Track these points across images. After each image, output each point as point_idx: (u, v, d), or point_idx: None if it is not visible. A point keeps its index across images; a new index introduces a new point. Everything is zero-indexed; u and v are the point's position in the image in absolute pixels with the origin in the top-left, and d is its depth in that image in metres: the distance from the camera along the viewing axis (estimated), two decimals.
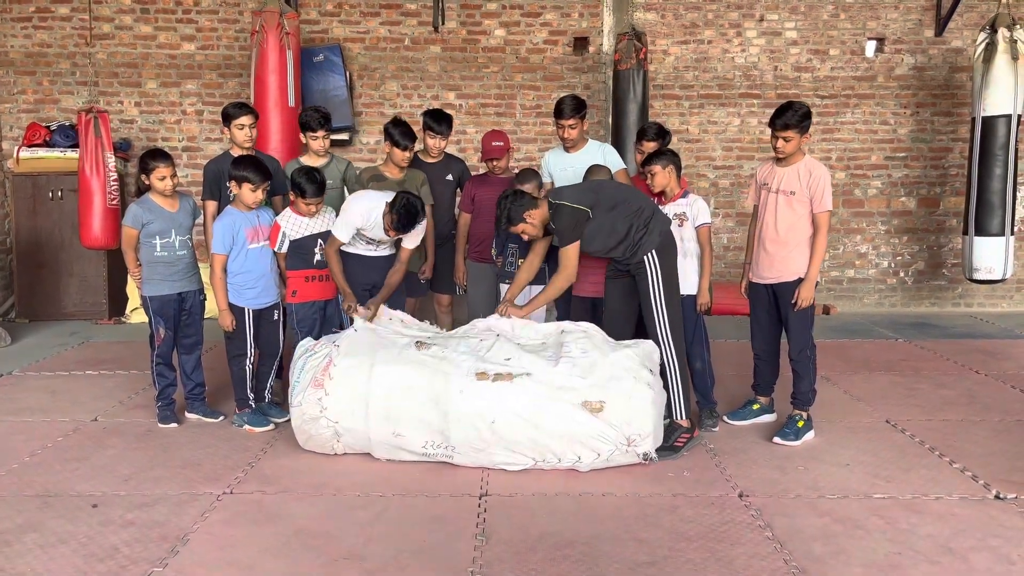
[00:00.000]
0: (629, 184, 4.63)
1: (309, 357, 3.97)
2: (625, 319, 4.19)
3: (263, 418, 4.39)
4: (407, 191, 4.31)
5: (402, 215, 4.17)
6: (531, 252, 4.26)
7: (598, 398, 3.66)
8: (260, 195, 4.27)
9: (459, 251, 5.11)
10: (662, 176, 4.31)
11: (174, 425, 4.38)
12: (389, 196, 4.27)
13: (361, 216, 4.29)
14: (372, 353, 3.91)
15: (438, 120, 5.02)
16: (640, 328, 4.19)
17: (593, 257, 4.27)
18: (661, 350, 4.00)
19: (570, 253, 3.99)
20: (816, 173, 4.08)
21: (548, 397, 3.67)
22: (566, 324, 4.12)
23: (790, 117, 4.05)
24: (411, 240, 4.44)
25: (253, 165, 4.25)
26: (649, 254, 3.97)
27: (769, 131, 4.19)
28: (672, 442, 3.94)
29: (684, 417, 4.03)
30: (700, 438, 4.11)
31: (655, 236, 3.97)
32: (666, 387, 3.99)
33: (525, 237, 4.12)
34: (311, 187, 4.27)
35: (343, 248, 4.41)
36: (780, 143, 4.10)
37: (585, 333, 3.98)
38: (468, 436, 3.69)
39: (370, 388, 3.78)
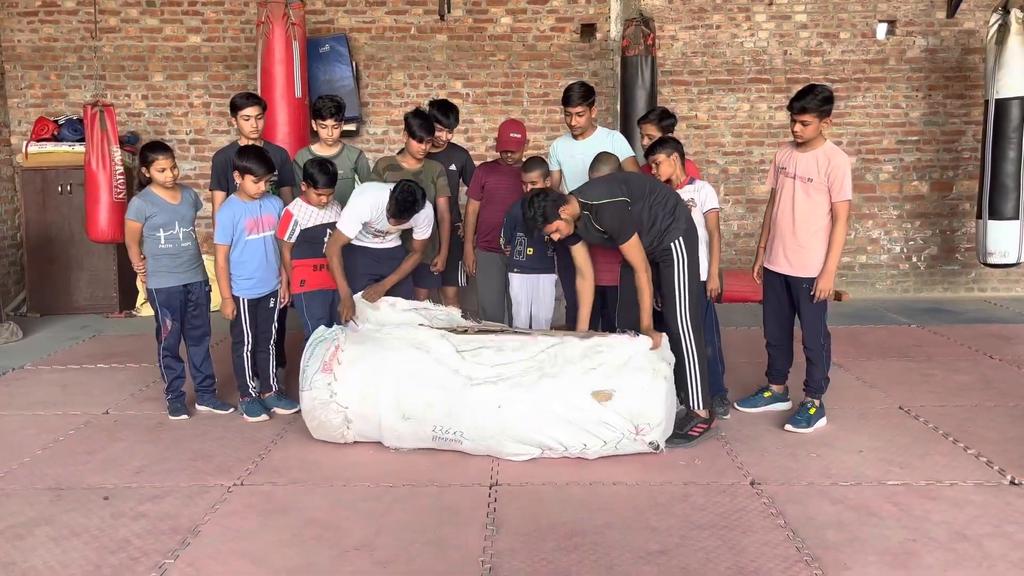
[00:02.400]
0: (640, 171, 4.61)
1: (320, 343, 3.98)
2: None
3: (260, 408, 4.40)
4: (408, 179, 4.29)
5: (398, 201, 4.15)
6: (580, 263, 4.08)
7: (610, 387, 3.63)
8: (263, 186, 4.26)
9: (468, 239, 5.07)
10: (667, 164, 4.27)
11: (185, 417, 4.40)
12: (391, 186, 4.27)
13: (369, 209, 4.28)
14: (381, 340, 3.92)
15: (445, 112, 5.00)
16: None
17: (600, 246, 4.23)
18: (681, 338, 3.94)
19: (634, 246, 3.84)
20: (835, 161, 3.97)
21: (555, 386, 3.66)
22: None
23: (809, 101, 3.93)
24: (422, 230, 4.44)
25: (256, 156, 4.24)
26: (677, 241, 3.90)
27: (780, 116, 4.13)
28: (687, 431, 3.91)
29: (701, 407, 3.98)
30: (717, 429, 4.03)
31: (682, 223, 3.91)
32: (684, 376, 3.95)
33: (556, 236, 3.92)
34: (323, 178, 4.26)
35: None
36: (798, 127, 4.00)
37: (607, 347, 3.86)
38: (476, 420, 3.68)
39: (380, 373, 3.78)
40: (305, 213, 4.37)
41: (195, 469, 3.72)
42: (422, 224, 4.44)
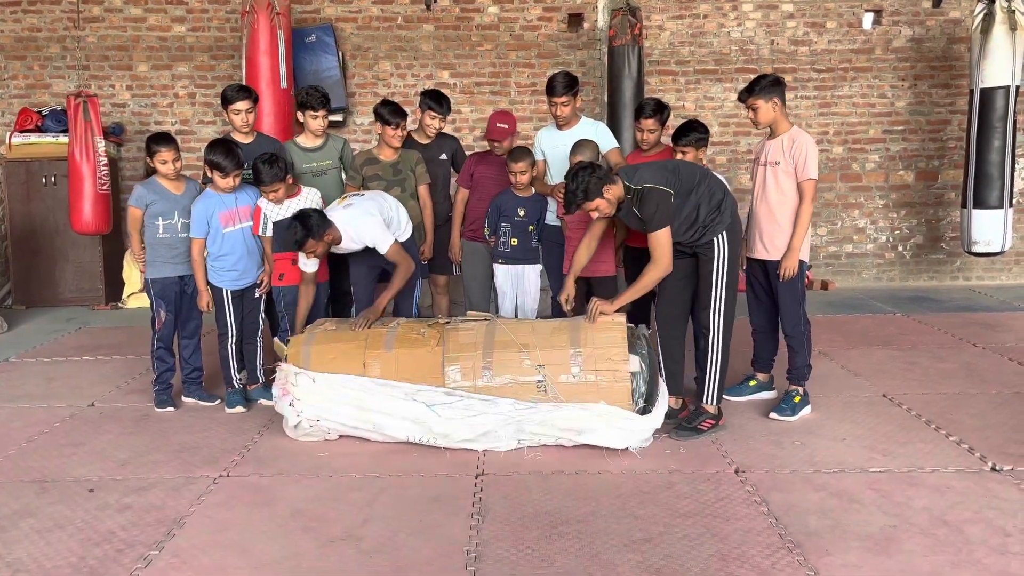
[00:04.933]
0: (624, 162, 4.61)
1: (280, 372, 3.96)
2: (682, 305, 4.02)
3: (238, 399, 4.40)
4: (300, 211, 4.10)
5: (294, 232, 3.97)
6: (589, 234, 4.04)
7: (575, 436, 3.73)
8: (231, 181, 4.23)
9: (455, 227, 5.07)
10: (693, 156, 4.26)
11: (171, 409, 4.38)
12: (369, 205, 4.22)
13: (382, 222, 4.21)
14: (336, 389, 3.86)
15: (439, 100, 4.98)
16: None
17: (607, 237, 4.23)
18: (710, 334, 3.89)
19: (663, 239, 3.71)
20: (799, 141, 4.06)
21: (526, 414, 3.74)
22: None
23: (751, 86, 4.09)
24: (380, 245, 4.18)
25: (224, 151, 4.21)
26: (720, 236, 3.82)
27: None
28: (696, 424, 3.88)
29: (714, 404, 3.93)
30: (724, 427, 3.97)
31: (726, 218, 3.83)
32: (704, 369, 3.93)
33: (594, 215, 3.83)
34: (263, 172, 4.20)
35: None
36: (751, 114, 4.16)
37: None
38: (450, 427, 3.72)
39: (338, 399, 3.79)
40: (274, 206, 4.34)
41: (181, 460, 3.71)
42: (368, 238, 4.19)
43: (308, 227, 3.97)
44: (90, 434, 4.07)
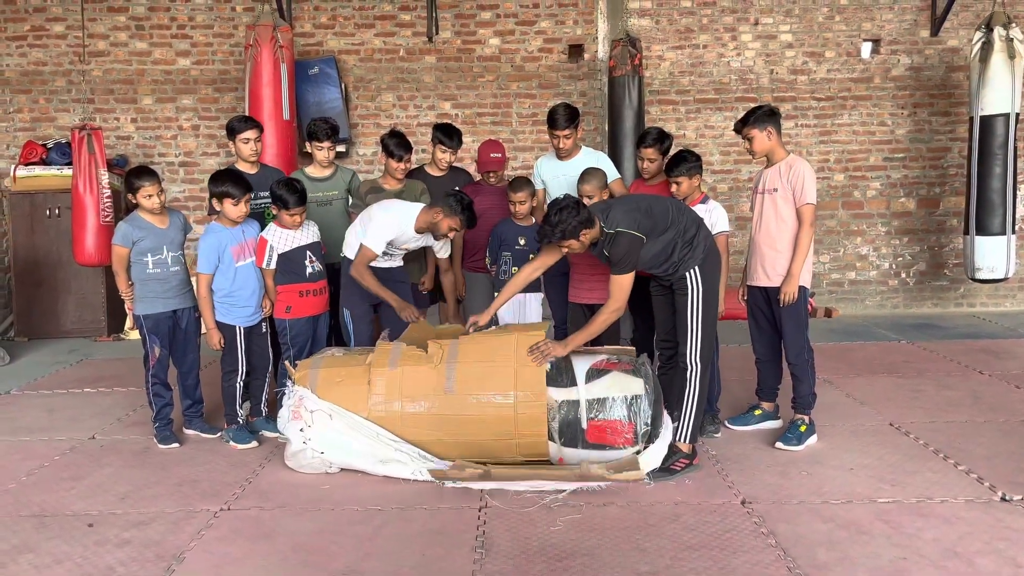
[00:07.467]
0: (626, 193, 4.62)
1: (288, 395, 3.92)
2: (671, 333, 3.99)
3: (248, 435, 4.34)
4: (451, 191, 4.40)
5: (468, 210, 4.23)
6: (540, 261, 3.99)
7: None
8: (244, 208, 4.22)
9: (456, 263, 5.07)
10: (688, 185, 4.24)
11: (176, 446, 4.30)
12: (417, 207, 4.35)
13: (395, 229, 4.26)
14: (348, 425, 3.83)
15: (450, 135, 5.03)
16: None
17: (591, 264, 4.23)
18: (688, 370, 3.80)
19: (624, 284, 3.72)
20: (796, 167, 4.09)
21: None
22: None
23: (745, 116, 4.15)
24: (445, 248, 4.61)
25: (231, 179, 4.20)
26: (692, 270, 3.78)
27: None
28: (670, 464, 3.77)
29: (687, 442, 3.83)
30: (699, 467, 3.86)
31: (699, 252, 3.79)
32: (680, 406, 3.83)
33: (564, 250, 3.84)
34: (293, 197, 4.21)
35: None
36: (747, 144, 4.20)
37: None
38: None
39: (349, 430, 3.76)
40: (280, 238, 4.30)
41: (181, 494, 3.68)
42: (442, 242, 4.54)
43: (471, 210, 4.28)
44: (90, 467, 4.03)
